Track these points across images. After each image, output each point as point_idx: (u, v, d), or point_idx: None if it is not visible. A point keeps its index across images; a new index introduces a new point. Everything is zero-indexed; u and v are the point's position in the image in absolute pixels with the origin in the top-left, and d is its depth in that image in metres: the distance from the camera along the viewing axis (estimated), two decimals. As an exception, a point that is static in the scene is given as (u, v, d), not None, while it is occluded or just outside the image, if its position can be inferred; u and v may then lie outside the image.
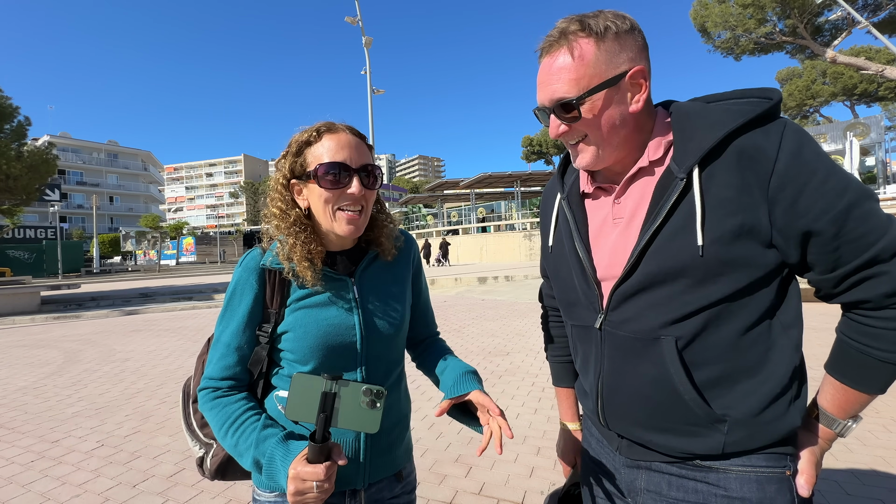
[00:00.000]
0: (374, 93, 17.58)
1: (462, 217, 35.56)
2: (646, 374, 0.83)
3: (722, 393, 0.80)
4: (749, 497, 0.79)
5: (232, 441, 0.89)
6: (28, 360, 6.33)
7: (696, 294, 0.78)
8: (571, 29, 0.80)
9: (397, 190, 33.14)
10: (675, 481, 0.85)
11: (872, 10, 16.44)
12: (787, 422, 0.80)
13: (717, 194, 0.76)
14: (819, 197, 0.72)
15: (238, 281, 0.98)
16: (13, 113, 13.53)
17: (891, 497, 2.33)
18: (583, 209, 0.95)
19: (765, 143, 0.75)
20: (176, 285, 17.49)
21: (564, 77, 0.80)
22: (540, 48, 0.84)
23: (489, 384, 4.40)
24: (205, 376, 0.97)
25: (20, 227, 33.85)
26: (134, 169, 67.45)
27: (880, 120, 24.34)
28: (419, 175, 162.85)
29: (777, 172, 0.73)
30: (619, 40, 0.79)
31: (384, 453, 1.02)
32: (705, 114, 0.81)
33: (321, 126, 0.97)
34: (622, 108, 0.81)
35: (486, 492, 2.53)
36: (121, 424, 3.76)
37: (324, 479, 0.75)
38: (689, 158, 0.78)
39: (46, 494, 2.68)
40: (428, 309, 1.21)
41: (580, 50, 0.79)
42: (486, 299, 10.97)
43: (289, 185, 0.99)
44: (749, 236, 0.75)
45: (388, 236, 1.07)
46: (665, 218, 0.79)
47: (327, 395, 0.76)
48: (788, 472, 0.80)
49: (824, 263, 0.76)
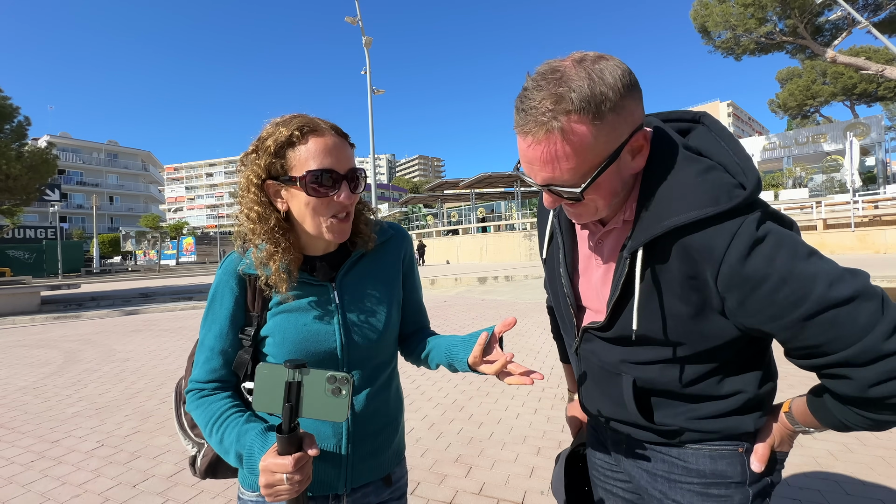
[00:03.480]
0: (374, 93, 17.58)
1: (462, 217, 35.55)
2: (610, 396, 0.94)
3: (675, 416, 0.88)
4: (703, 469, 0.88)
5: (217, 438, 0.88)
6: (28, 360, 6.33)
7: (654, 351, 0.84)
8: (561, 110, 0.67)
9: (397, 190, 33.10)
10: (649, 451, 0.94)
11: (872, 10, 16.45)
12: (741, 429, 0.86)
13: (667, 277, 0.77)
14: (768, 304, 0.69)
15: (218, 284, 0.97)
16: (13, 113, 13.52)
17: (891, 497, 2.33)
18: (573, 236, 0.96)
19: (713, 243, 0.70)
20: (176, 285, 17.49)
21: (561, 166, 0.71)
22: (521, 127, 0.72)
23: (489, 384, 4.41)
24: (191, 379, 0.96)
25: (20, 227, 33.88)
26: (134, 169, 67.41)
27: (880, 120, 24.34)
28: (419, 175, 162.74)
29: (722, 274, 0.70)
30: (618, 111, 0.69)
31: (369, 457, 0.99)
32: (669, 185, 0.75)
33: (303, 124, 0.88)
34: (624, 174, 0.77)
35: (486, 492, 2.53)
36: (121, 424, 3.76)
37: (293, 471, 0.73)
38: (635, 241, 0.77)
39: (46, 494, 2.68)
40: (421, 305, 1.17)
41: (576, 136, 0.68)
42: (486, 299, 10.97)
43: (263, 186, 0.91)
44: (701, 316, 0.77)
45: (366, 221, 1.03)
46: (622, 289, 0.81)
47: (291, 384, 0.74)
48: (741, 450, 0.87)
49: (790, 349, 0.75)
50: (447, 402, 4.01)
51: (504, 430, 3.36)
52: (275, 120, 0.92)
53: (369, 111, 17.40)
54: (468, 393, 4.20)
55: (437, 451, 3.05)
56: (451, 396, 4.13)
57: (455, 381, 4.56)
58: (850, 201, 16.51)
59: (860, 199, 17.70)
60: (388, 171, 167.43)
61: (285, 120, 0.90)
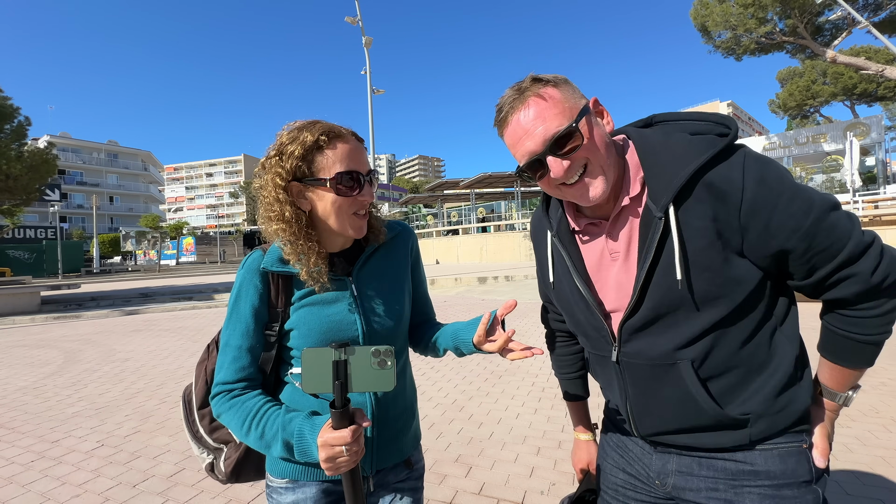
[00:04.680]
0: (374, 93, 17.58)
1: (462, 217, 35.52)
2: (669, 394, 0.89)
3: (739, 396, 0.87)
4: (773, 470, 0.87)
5: (257, 433, 0.90)
6: (28, 360, 6.33)
7: (699, 319, 0.84)
8: (526, 85, 0.86)
9: (397, 190, 33.01)
10: (705, 461, 0.91)
11: (872, 10, 16.44)
12: (800, 403, 0.88)
13: (694, 227, 0.82)
14: (788, 218, 0.79)
15: (242, 283, 1.00)
16: (13, 113, 13.51)
17: (891, 497, 2.33)
18: (576, 246, 0.98)
19: (730, 175, 0.80)
20: (176, 285, 17.49)
21: (549, 115, 0.83)
22: (501, 115, 0.88)
23: (489, 384, 4.41)
24: (217, 382, 0.98)
25: (20, 227, 33.87)
26: (134, 169, 67.41)
27: (880, 120, 24.34)
28: (419, 175, 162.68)
29: (746, 201, 0.79)
30: (567, 84, 0.87)
31: (392, 441, 1.06)
32: (668, 147, 0.85)
33: (327, 130, 0.95)
34: (603, 129, 0.88)
35: (486, 492, 2.53)
36: (121, 424, 3.76)
37: (351, 442, 0.79)
38: (663, 197, 0.83)
39: (46, 494, 2.68)
40: (427, 297, 1.25)
41: (547, 93, 0.84)
42: (486, 299, 10.97)
43: (287, 187, 0.96)
44: (730, 261, 0.82)
45: (376, 217, 1.11)
46: (655, 255, 0.84)
47: (338, 363, 0.80)
48: (805, 446, 0.89)
49: (801, 273, 0.83)
50: (447, 402, 4.01)
51: (504, 430, 3.36)
52: (293, 126, 0.97)
53: (369, 111, 17.40)
54: (468, 393, 4.20)
55: (437, 451, 3.05)
56: (451, 396, 4.13)
57: (455, 381, 4.56)
58: (851, 201, 16.50)
59: (860, 199, 17.67)
60: (388, 171, 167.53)
61: (307, 125, 0.96)
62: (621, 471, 1.04)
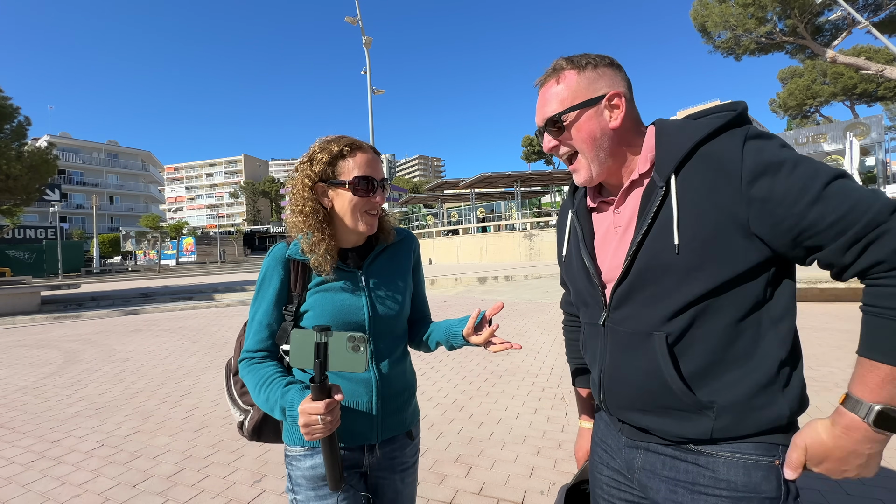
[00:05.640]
0: (374, 93, 17.58)
1: (462, 217, 35.52)
2: (640, 366, 0.91)
3: (709, 382, 0.86)
4: (734, 480, 0.84)
5: (264, 396, 1.07)
6: (28, 360, 6.33)
7: (682, 290, 0.85)
8: (560, 65, 0.98)
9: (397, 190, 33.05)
10: (669, 462, 0.92)
11: (872, 10, 16.43)
12: (774, 410, 0.84)
13: (692, 196, 0.85)
14: (794, 181, 0.77)
15: (267, 268, 1.18)
16: (13, 113, 13.53)
17: (891, 497, 2.33)
18: (589, 221, 1.07)
19: (729, 146, 0.83)
20: (176, 285, 17.50)
21: (554, 99, 0.97)
22: (537, 82, 1.02)
23: (489, 384, 4.41)
24: (244, 350, 1.17)
25: (20, 227, 33.87)
26: (134, 169, 67.39)
27: (880, 120, 24.32)
28: (419, 175, 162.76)
29: (746, 169, 0.80)
30: (598, 71, 0.96)
31: (395, 413, 1.22)
32: (682, 128, 0.91)
33: (350, 143, 1.17)
34: (602, 124, 0.95)
35: (486, 492, 2.53)
36: (121, 424, 3.76)
37: (325, 413, 0.92)
38: (666, 167, 0.88)
39: (46, 494, 2.69)
40: (424, 296, 1.42)
41: (566, 79, 0.96)
42: (486, 299, 10.98)
43: (314, 187, 1.15)
44: (725, 232, 0.82)
45: (386, 221, 1.29)
46: (651, 222, 0.88)
47: (319, 344, 0.93)
48: (777, 462, 0.84)
49: (825, 241, 0.76)
50: (447, 402, 4.01)
51: (504, 430, 3.36)
52: (325, 138, 1.20)
53: (369, 111, 17.40)
54: (468, 393, 4.21)
55: (437, 451, 3.05)
56: (451, 396, 4.13)
57: (455, 381, 4.56)
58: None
59: (860, 199, 17.68)
60: (388, 171, 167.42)
61: (335, 139, 1.18)
62: (605, 466, 1.06)
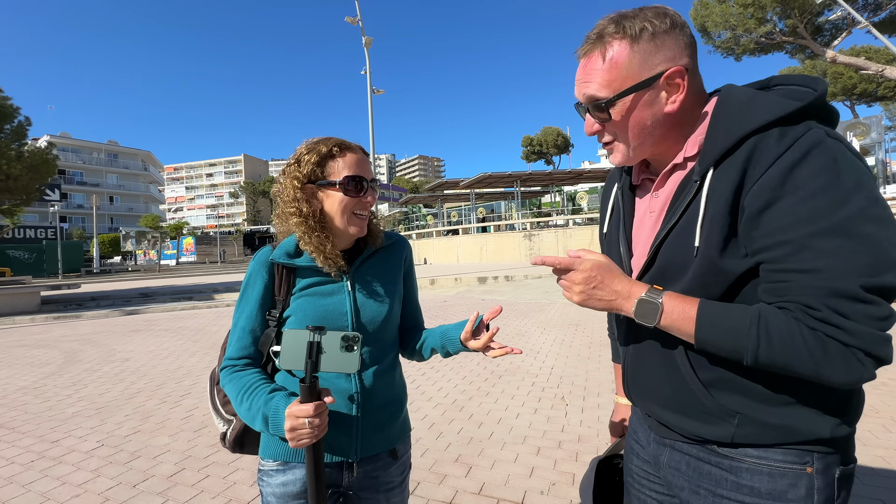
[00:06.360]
0: (374, 93, 17.57)
1: (462, 217, 35.50)
2: (660, 361, 0.87)
3: (732, 391, 0.80)
4: (757, 487, 0.79)
5: (246, 405, 1.01)
6: (28, 360, 6.33)
7: (695, 293, 0.77)
8: (608, 31, 0.79)
9: (397, 190, 33.09)
10: (693, 462, 0.88)
11: (872, 10, 16.41)
12: (810, 427, 0.76)
13: (720, 196, 0.74)
14: (787, 215, 0.67)
15: (251, 272, 1.14)
16: (13, 113, 13.51)
17: (891, 497, 2.33)
18: (631, 200, 0.99)
19: (773, 147, 0.70)
20: (176, 285, 17.49)
21: (597, 78, 0.81)
22: (579, 52, 0.85)
23: (489, 384, 4.41)
24: (225, 357, 1.12)
25: (20, 227, 33.82)
26: (134, 169, 67.40)
27: (880, 120, 24.33)
28: (419, 175, 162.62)
29: (764, 177, 0.70)
30: (656, 41, 0.78)
31: (377, 429, 1.13)
32: (741, 108, 0.77)
33: (339, 143, 1.13)
34: (655, 109, 0.80)
35: (486, 492, 2.53)
36: (121, 424, 3.76)
37: (313, 415, 0.88)
38: (707, 160, 0.77)
39: (46, 494, 2.68)
40: (417, 304, 1.35)
41: (614, 52, 0.79)
42: (486, 299, 10.97)
43: (303, 188, 1.10)
44: (733, 244, 0.75)
45: (375, 224, 1.24)
46: (679, 216, 0.80)
47: (312, 343, 0.91)
48: (810, 469, 0.76)
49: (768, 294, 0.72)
50: (447, 402, 4.01)
51: (504, 430, 3.36)
52: (311, 140, 1.15)
53: (369, 111, 17.39)
54: (468, 393, 4.20)
55: (437, 451, 3.05)
56: (451, 396, 4.13)
57: (455, 381, 4.56)
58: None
59: (860, 199, 17.67)
60: (388, 171, 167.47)
61: (323, 140, 1.14)
62: (636, 456, 1.03)
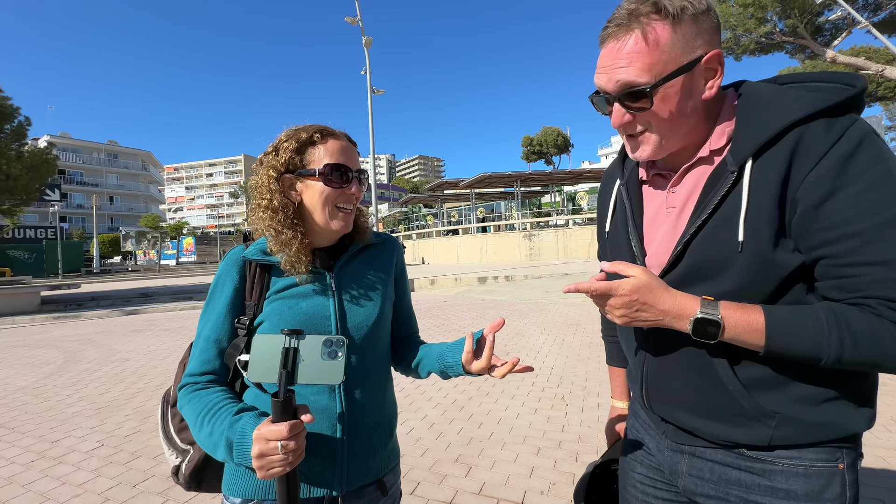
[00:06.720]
0: (374, 93, 17.57)
1: (462, 217, 35.50)
2: (690, 362, 0.82)
3: (772, 391, 0.77)
4: (794, 489, 0.76)
5: (207, 430, 0.84)
6: (28, 360, 6.33)
7: (745, 291, 0.74)
8: (644, 10, 0.73)
9: (397, 190, 33.11)
10: (717, 468, 0.83)
11: (872, 10, 16.42)
12: (847, 425, 0.76)
13: (765, 189, 0.72)
14: (851, 206, 0.66)
15: (219, 275, 1.01)
16: (13, 113, 13.50)
17: (891, 497, 2.33)
18: (640, 196, 0.93)
19: (822, 137, 0.68)
20: (176, 285, 17.49)
21: (637, 62, 0.74)
22: (605, 32, 0.78)
23: (489, 384, 4.41)
24: (185, 374, 0.96)
25: (20, 227, 33.82)
26: (134, 169, 67.43)
27: (880, 120, 24.29)
28: (419, 175, 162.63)
29: (817, 168, 0.68)
30: (696, 22, 0.74)
31: (364, 457, 0.99)
32: (774, 100, 0.75)
33: (321, 129, 1.01)
34: (694, 94, 0.77)
35: (486, 492, 2.53)
36: (121, 424, 3.76)
37: (288, 437, 0.72)
38: (744, 152, 0.74)
39: (46, 494, 2.68)
40: (411, 310, 1.22)
41: (654, 34, 0.73)
42: (486, 299, 10.96)
43: (280, 179, 0.99)
44: (783, 235, 0.72)
45: (362, 220, 1.11)
46: (713, 210, 0.76)
47: (288, 350, 0.76)
48: (841, 466, 0.76)
49: (831, 292, 0.70)
50: (447, 402, 4.00)
51: (504, 430, 3.36)
52: (292, 127, 1.03)
53: (369, 111, 17.39)
54: (468, 393, 4.20)
55: (437, 451, 3.05)
56: (451, 396, 4.13)
57: (455, 381, 4.56)
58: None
59: (860, 199, 17.68)
60: (388, 171, 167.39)
61: (304, 126, 1.02)
62: (639, 463, 0.99)
